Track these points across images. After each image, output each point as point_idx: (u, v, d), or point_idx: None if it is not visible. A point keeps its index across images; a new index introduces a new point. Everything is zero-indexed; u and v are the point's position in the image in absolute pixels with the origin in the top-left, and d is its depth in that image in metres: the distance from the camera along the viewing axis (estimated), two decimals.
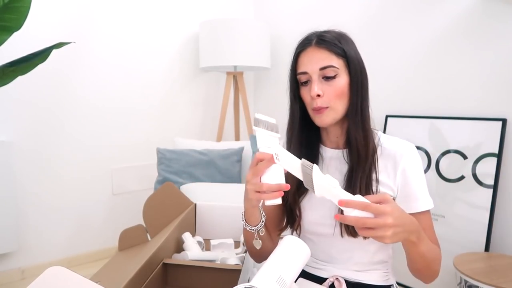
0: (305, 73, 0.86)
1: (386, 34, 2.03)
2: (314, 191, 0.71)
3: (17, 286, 1.97)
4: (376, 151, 0.87)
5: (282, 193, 0.75)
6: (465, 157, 1.69)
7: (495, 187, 1.60)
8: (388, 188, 0.87)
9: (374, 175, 0.86)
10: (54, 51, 1.41)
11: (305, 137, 0.93)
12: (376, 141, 0.89)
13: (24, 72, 1.38)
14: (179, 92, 2.59)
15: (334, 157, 0.92)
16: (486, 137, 1.64)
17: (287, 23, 2.62)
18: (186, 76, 2.62)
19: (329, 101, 0.85)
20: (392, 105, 2.00)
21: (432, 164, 1.79)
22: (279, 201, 0.75)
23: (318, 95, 0.84)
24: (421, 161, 0.90)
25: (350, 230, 0.85)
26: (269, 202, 0.75)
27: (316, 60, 0.85)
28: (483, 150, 1.64)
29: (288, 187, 0.75)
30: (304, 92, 0.88)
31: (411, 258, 0.83)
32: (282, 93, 2.66)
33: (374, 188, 0.86)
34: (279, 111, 2.83)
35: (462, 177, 1.70)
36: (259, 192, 0.75)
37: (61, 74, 2.11)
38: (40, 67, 1.44)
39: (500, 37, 1.64)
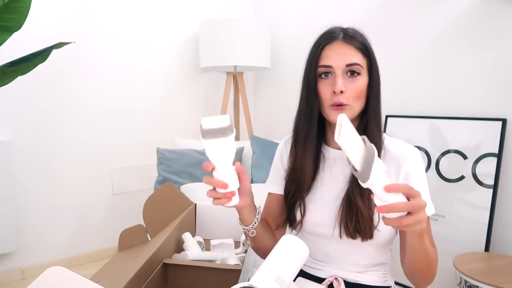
0: (328, 66, 0.83)
1: (386, 34, 2.03)
2: (367, 177, 0.63)
3: (17, 286, 1.97)
4: (380, 154, 0.87)
5: (234, 194, 0.77)
6: (465, 157, 1.69)
7: (495, 187, 1.60)
8: None
9: None
10: (54, 51, 1.41)
11: (312, 135, 0.89)
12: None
13: (24, 72, 1.38)
14: (179, 92, 2.59)
15: (339, 158, 0.91)
16: (486, 137, 1.64)
17: (287, 23, 2.62)
18: (186, 76, 2.62)
19: (349, 99, 0.82)
20: (392, 105, 2.00)
21: (432, 164, 1.79)
22: (234, 202, 0.79)
23: (341, 91, 0.81)
24: (424, 166, 0.90)
25: (350, 232, 0.84)
26: (227, 205, 0.79)
27: (343, 55, 0.82)
28: (483, 150, 1.64)
29: (233, 193, 0.77)
30: (323, 86, 0.84)
31: (414, 254, 0.79)
32: (282, 93, 2.67)
33: None
34: (279, 111, 2.85)
35: (462, 177, 1.70)
36: (217, 198, 0.78)
37: (61, 74, 2.11)
38: (40, 67, 1.44)
39: (500, 37, 1.64)
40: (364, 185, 0.65)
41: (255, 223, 0.88)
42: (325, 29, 0.88)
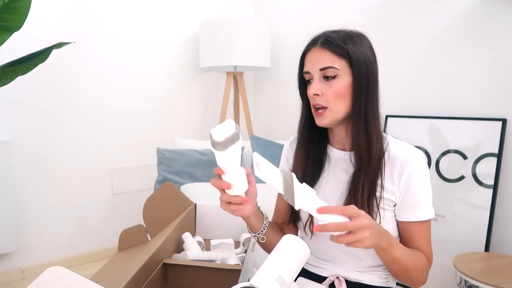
0: (308, 72, 0.88)
1: (386, 34, 2.04)
2: (294, 202, 0.72)
3: (17, 286, 1.97)
4: (383, 156, 0.86)
5: (246, 201, 0.81)
6: (465, 157, 1.69)
7: (495, 187, 1.60)
8: (391, 194, 0.86)
9: (379, 181, 0.86)
10: (54, 51, 1.41)
11: (314, 136, 0.94)
12: (384, 145, 0.87)
13: (24, 72, 1.38)
14: (179, 92, 2.59)
15: (341, 159, 0.92)
16: (486, 137, 1.64)
17: (287, 23, 2.62)
18: (186, 76, 2.62)
19: (327, 101, 0.85)
20: (392, 105, 2.00)
21: (432, 164, 1.79)
22: (243, 212, 0.83)
23: (316, 94, 0.85)
24: (428, 169, 0.89)
25: None
26: (236, 214, 0.83)
27: (318, 61, 0.85)
28: (483, 150, 1.64)
29: (246, 200, 0.81)
30: (308, 91, 0.89)
31: (385, 263, 0.85)
32: (282, 93, 2.67)
33: (378, 194, 0.85)
34: (279, 111, 2.85)
35: (462, 177, 1.70)
36: (228, 203, 0.82)
37: (61, 74, 2.11)
38: (40, 67, 1.44)
39: (500, 37, 1.64)
40: (296, 208, 0.72)
41: (264, 229, 0.91)
42: (312, 36, 0.91)
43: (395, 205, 0.88)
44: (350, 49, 0.85)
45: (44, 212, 2.10)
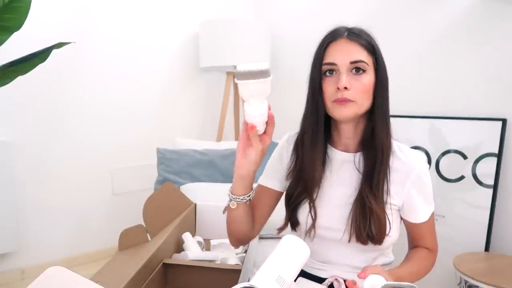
0: (333, 64, 0.83)
1: (386, 34, 2.03)
2: None
3: (17, 286, 1.97)
4: (389, 157, 0.86)
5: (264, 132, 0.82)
6: (465, 157, 1.69)
7: (495, 187, 1.60)
8: (395, 199, 0.86)
9: (385, 187, 0.85)
10: (54, 51, 1.41)
11: (321, 134, 0.89)
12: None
13: (24, 72, 1.38)
14: (179, 92, 2.59)
15: (346, 160, 0.90)
16: (486, 137, 1.64)
17: (287, 23, 2.61)
18: (186, 76, 2.62)
19: (355, 95, 0.81)
20: (392, 105, 1.99)
21: (432, 164, 1.79)
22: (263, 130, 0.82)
23: (345, 88, 0.80)
24: (428, 172, 0.90)
25: (362, 237, 0.84)
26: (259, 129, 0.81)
27: (347, 52, 0.82)
28: (483, 150, 1.64)
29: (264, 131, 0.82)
30: (328, 83, 0.84)
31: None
32: (282, 93, 2.68)
33: (384, 199, 0.85)
34: (279, 111, 2.83)
35: (462, 177, 1.70)
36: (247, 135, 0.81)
37: (61, 74, 2.11)
38: (40, 67, 1.43)
39: (500, 37, 1.64)
40: None
41: (244, 198, 0.87)
42: (330, 29, 0.87)
43: (399, 210, 0.89)
44: (375, 46, 0.85)
45: (44, 212, 2.10)
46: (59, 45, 1.40)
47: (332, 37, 0.84)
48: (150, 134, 2.46)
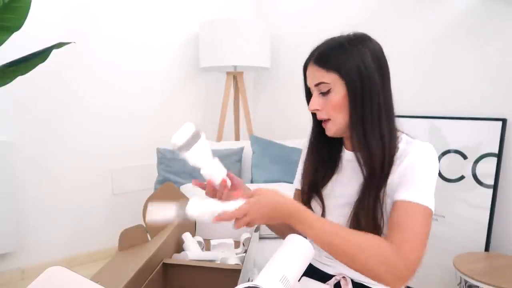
0: (308, 87, 0.92)
1: (386, 34, 2.03)
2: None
3: (17, 286, 1.97)
4: (393, 162, 0.84)
5: (225, 182, 0.91)
6: (465, 157, 1.69)
7: (495, 187, 1.60)
8: (390, 187, 0.85)
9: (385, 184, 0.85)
10: (54, 51, 1.41)
11: (325, 141, 0.96)
12: (397, 146, 0.88)
13: (24, 72, 1.38)
14: (179, 92, 2.59)
15: (351, 160, 0.93)
16: (486, 137, 1.64)
17: (287, 23, 2.61)
18: (186, 76, 2.62)
19: (328, 114, 0.87)
20: None
21: None
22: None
23: (317, 109, 0.88)
24: (434, 163, 0.84)
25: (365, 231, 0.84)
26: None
27: (312, 77, 0.88)
28: (483, 150, 1.64)
29: (225, 181, 0.90)
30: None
31: (320, 245, 0.77)
32: (282, 93, 2.67)
33: (381, 194, 0.84)
34: (279, 111, 2.84)
35: (462, 177, 1.70)
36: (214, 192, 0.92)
37: (61, 74, 2.11)
38: (40, 67, 1.43)
39: (500, 37, 1.64)
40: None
41: None
42: (312, 47, 0.93)
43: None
44: (338, 61, 0.84)
45: (44, 212, 2.10)
46: (59, 45, 1.40)
47: (306, 61, 0.92)
48: (150, 134, 2.46)
